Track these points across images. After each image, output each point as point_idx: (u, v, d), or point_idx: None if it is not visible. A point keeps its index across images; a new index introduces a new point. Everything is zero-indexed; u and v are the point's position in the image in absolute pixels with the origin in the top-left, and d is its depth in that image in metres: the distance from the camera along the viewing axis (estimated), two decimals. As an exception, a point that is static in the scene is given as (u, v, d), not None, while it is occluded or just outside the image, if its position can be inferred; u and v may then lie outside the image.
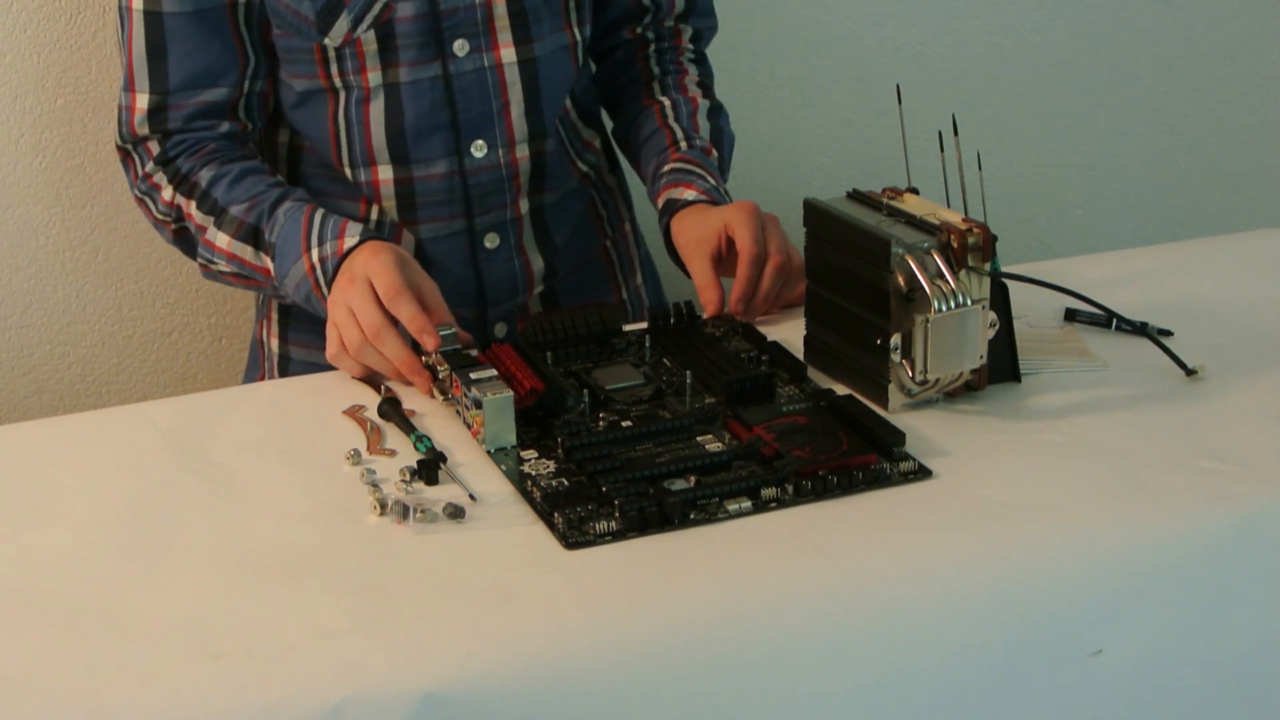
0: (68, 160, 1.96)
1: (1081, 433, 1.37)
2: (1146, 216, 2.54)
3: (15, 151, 1.94)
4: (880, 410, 1.40)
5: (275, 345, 1.78)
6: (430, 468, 1.32)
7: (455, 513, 1.26)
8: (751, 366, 1.48)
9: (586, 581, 1.18)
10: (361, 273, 1.48)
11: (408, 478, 1.31)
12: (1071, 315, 1.59)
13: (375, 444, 1.39)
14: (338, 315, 1.49)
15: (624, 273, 1.85)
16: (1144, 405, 1.42)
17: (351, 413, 1.44)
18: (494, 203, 1.70)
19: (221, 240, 1.60)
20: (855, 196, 1.49)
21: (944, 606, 1.19)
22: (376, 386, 1.48)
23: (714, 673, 1.14)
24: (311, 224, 1.55)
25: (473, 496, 1.29)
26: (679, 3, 1.82)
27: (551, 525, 1.24)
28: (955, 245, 1.38)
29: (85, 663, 1.10)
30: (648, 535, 1.23)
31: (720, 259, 1.60)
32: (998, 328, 1.41)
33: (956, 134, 1.46)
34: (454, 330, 1.46)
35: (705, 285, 1.59)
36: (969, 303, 1.37)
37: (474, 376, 1.39)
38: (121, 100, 1.66)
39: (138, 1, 1.61)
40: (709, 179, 1.69)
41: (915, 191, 1.48)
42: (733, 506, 1.26)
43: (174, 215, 1.64)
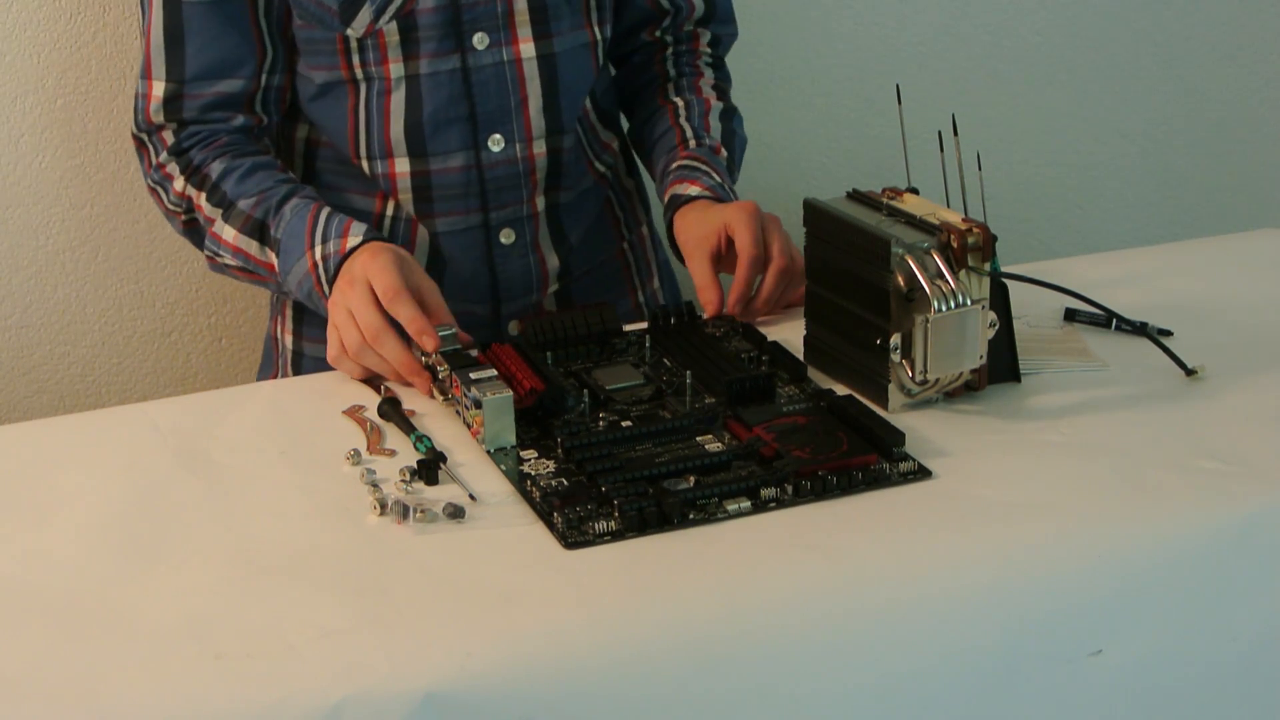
0: (68, 160, 1.96)
1: (1081, 433, 1.37)
2: (1146, 216, 2.54)
3: (15, 151, 1.94)
4: (880, 410, 1.40)
5: (289, 342, 1.78)
6: (430, 468, 1.32)
7: (455, 513, 1.26)
8: (751, 366, 1.48)
9: (586, 581, 1.18)
10: (361, 275, 1.48)
11: (408, 478, 1.31)
12: (1071, 315, 1.59)
13: (375, 444, 1.39)
14: (338, 317, 1.49)
15: (640, 276, 1.85)
16: (1144, 405, 1.42)
17: (351, 413, 1.44)
18: (510, 198, 1.70)
19: (228, 234, 1.61)
20: (855, 196, 1.49)
21: (944, 606, 1.19)
22: (377, 387, 1.48)
23: (714, 673, 1.14)
24: (317, 222, 1.55)
25: (473, 496, 1.29)
26: (699, 7, 1.82)
27: (551, 525, 1.24)
28: (955, 245, 1.38)
29: (85, 663, 1.10)
30: (647, 535, 1.23)
31: (720, 257, 1.60)
32: (998, 328, 1.41)
33: (956, 134, 1.46)
34: (454, 330, 1.46)
35: (704, 285, 1.59)
36: (969, 303, 1.37)
37: (474, 376, 1.39)
38: (138, 88, 1.66)
39: None
40: (714, 176, 1.69)
41: (915, 191, 1.48)
42: (732, 506, 1.26)
43: (185, 206, 1.64)
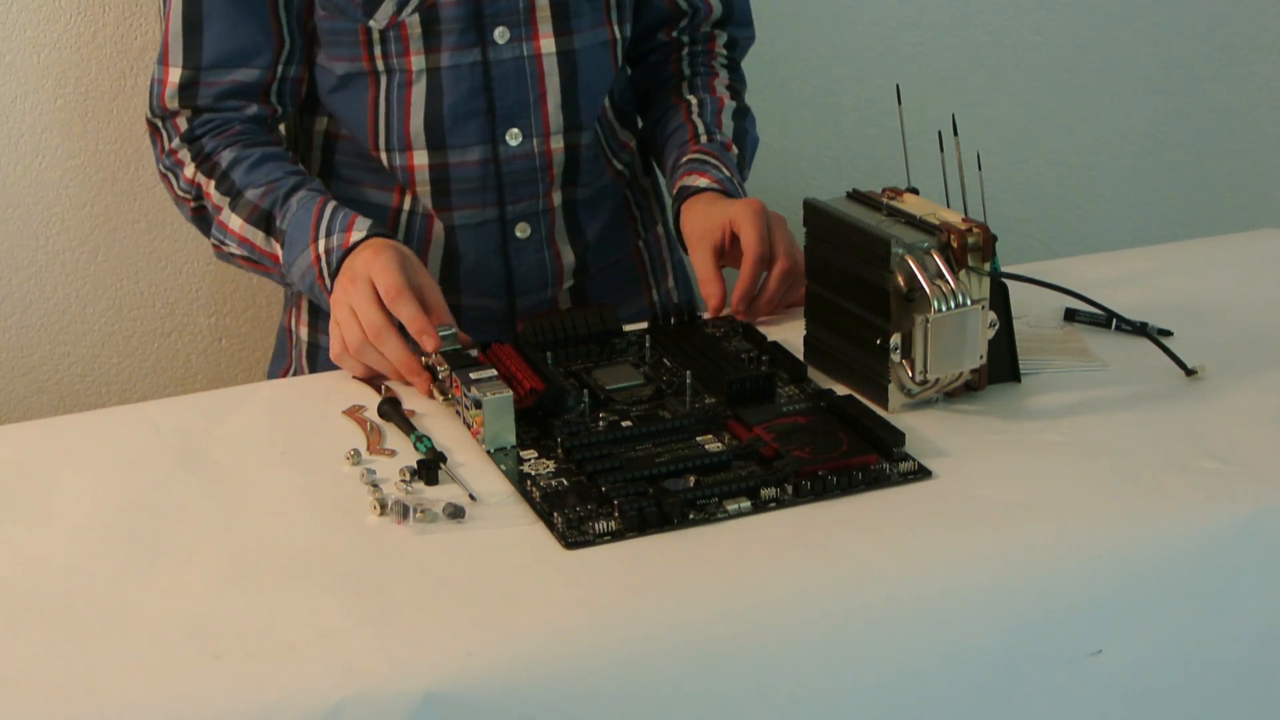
0: (68, 160, 1.96)
1: (1081, 433, 1.37)
2: (1146, 216, 2.54)
3: (15, 151, 1.94)
4: (880, 410, 1.40)
5: (304, 334, 1.79)
6: (430, 468, 1.32)
7: (455, 513, 1.26)
8: (751, 366, 1.48)
9: (586, 581, 1.18)
10: (364, 272, 1.48)
11: (408, 478, 1.31)
12: (1071, 315, 1.59)
13: (375, 444, 1.39)
14: (340, 314, 1.49)
15: (655, 275, 1.86)
16: (1144, 405, 1.42)
17: (351, 413, 1.44)
18: (526, 192, 1.71)
19: (235, 223, 1.61)
20: (855, 196, 1.50)
21: (944, 606, 1.19)
22: (377, 386, 1.48)
23: (714, 673, 1.14)
24: (322, 215, 1.56)
25: (473, 496, 1.29)
26: (716, 8, 1.83)
27: (551, 525, 1.24)
28: (955, 245, 1.38)
29: (85, 663, 1.10)
30: (647, 535, 1.23)
31: (723, 252, 1.61)
32: (998, 328, 1.41)
33: (956, 134, 1.46)
34: (454, 330, 1.47)
35: (706, 279, 1.60)
36: (969, 303, 1.37)
37: (474, 376, 1.39)
38: (155, 73, 1.67)
39: None
40: (724, 170, 1.70)
41: (915, 191, 1.48)
42: (732, 506, 1.26)
43: (194, 193, 1.65)
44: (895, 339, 1.39)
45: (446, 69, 1.65)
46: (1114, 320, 1.56)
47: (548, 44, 1.67)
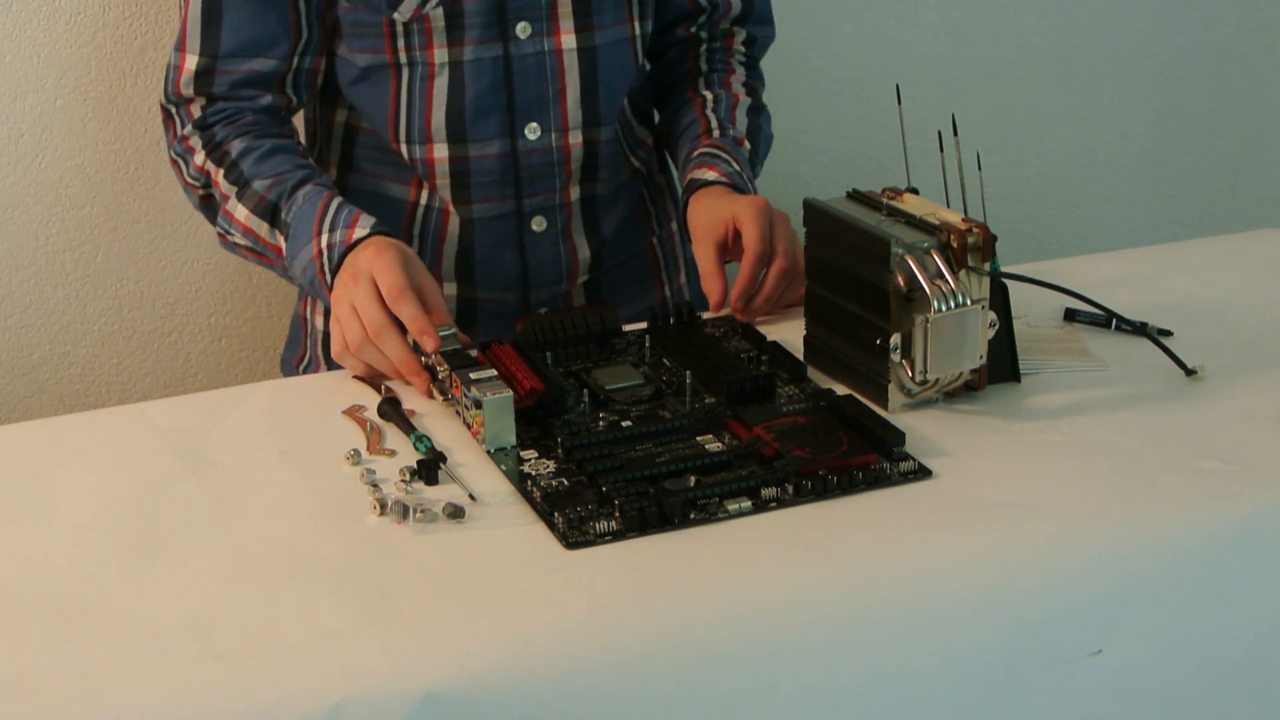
0: (68, 160, 1.96)
1: (1081, 433, 1.37)
2: (1146, 216, 2.54)
3: (15, 151, 1.94)
4: (880, 410, 1.40)
5: (320, 323, 1.79)
6: (430, 468, 1.32)
7: (455, 513, 1.26)
8: (751, 366, 1.48)
9: (586, 581, 1.18)
10: (366, 270, 1.48)
11: (408, 478, 1.31)
12: (1071, 315, 1.59)
13: (375, 444, 1.39)
14: (341, 312, 1.49)
15: (668, 271, 1.86)
16: (1144, 405, 1.42)
17: (351, 413, 1.44)
18: (543, 186, 1.71)
19: (240, 213, 1.62)
20: (855, 196, 1.50)
21: (944, 606, 1.19)
22: (377, 386, 1.48)
23: (714, 673, 1.14)
24: (327, 210, 1.56)
25: (473, 496, 1.29)
26: (735, 5, 1.84)
27: (551, 525, 1.24)
28: (955, 245, 1.38)
29: (85, 663, 1.10)
30: (648, 535, 1.23)
31: (726, 248, 1.61)
32: (998, 328, 1.41)
33: (956, 134, 1.46)
34: (454, 331, 1.47)
35: (708, 274, 1.60)
36: (969, 303, 1.37)
37: (474, 376, 1.39)
38: (171, 59, 1.68)
39: None
40: (733, 164, 1.70)
41: (915, 191, 1.48)
42: (733, 506, 1.26)
43: (203, 181, 1.65)
44: (895, 339, 1.39)
45: (469, 63, 1.66)
46: (1114, 320, 1.56)
47: (569, 40, 1.68)
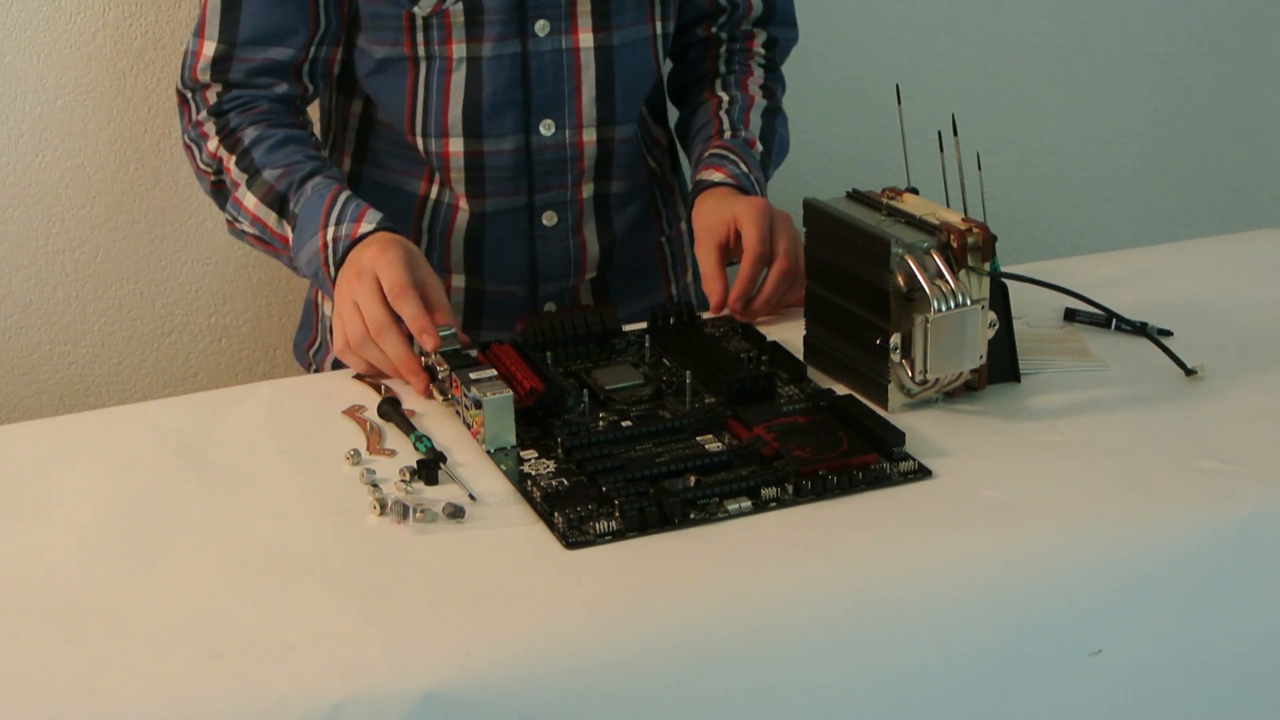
0: (68, 160, 1.96)
1: (1081, 433, 1.37)
2: (1146, 216, 2.54)
3: (15, 151, 1.94)
4: (880, 410, 1.40)
5: (329, 309, 1.80)
6: (430, 468, 1.32)
7: (455, 513, 1.26)
8: (751, 366, 1.48)
9: (586, 581, 1.18)
10: (369, 268, 1.49)
11: (408, 478, 1.31)
12: (1071, 315, 1.59)
13: (375, 444, 1.39)
14: (344, 309, 1.50)
15: (675, 270, 1.87)
16: (1144, 405, 1.42)
17: (351, 413, 1.44)
18: (555, 182, 1.72)
19: (249, 201, 1.62)
20: (855, 196, 1.50)
21: (944, 606, 1.19)
22: (377, 386, 1.48)
23: (714, 673, 1.14)
24: (335, 203, 1.57)
25: (473, 496, 1.29)
26: (756, 7, 1.84)
27: (551, 525, 1.24)
28: (955, 245, 1.38)
29: (85, 663, 1.10)
30: (648, 535, 1.23)
31: (727, 249, 1.62)
32: (997, 328, 1.41)
33: (956, 134, 1.46)
34: (454, 331, 1.47)
35: (708, 274, 1.61)
36: (969, 303, 1.37)
37: (474, 376, 1.39)
38: (189, 44, 1.68)
39: None
40: (741, 165, 1.70)
41: (915, 191, 1.48)
42: (733, 506, 1.26)
43: (215, 167, 1.66)
44: (895, 339, 1.39)
45: (487, 59, 1.66)
46: (1114, 320, 1.56)
47: (586, 38, 1.68)
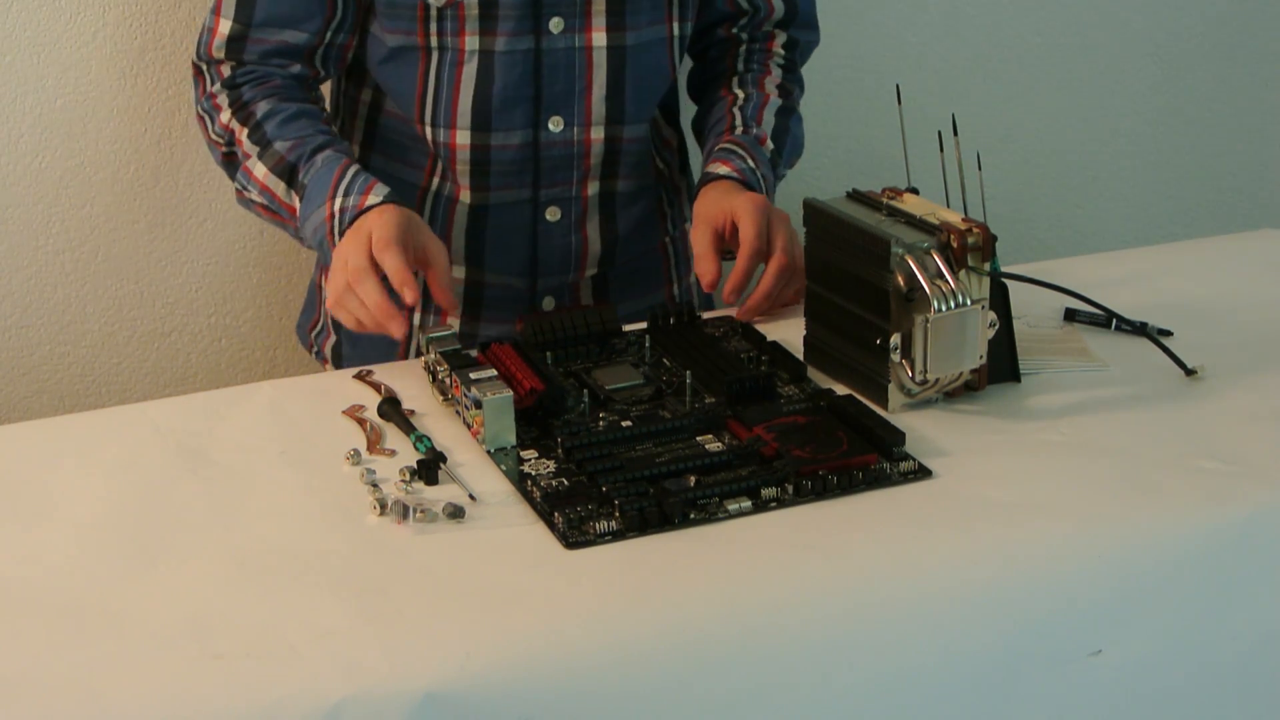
0: (68, 160, 1.96)
1: (1081, 433, 1.37)
2: (1146, 216, 2.54)
3: (15, 151, 1.94)
4: (880, 410, 1.40)
5: None
6: (430, 468, 1.32)
7: (455, 513, 1.26)
8: (751, 366, 1.48)
9: (586, 581, 1.18)
10: (364, 226, 1.52)
11: (408, 478, 1.31)
12: (1071, 315, 1.59)
13: (375, 444, 1.39)
14: (335, 263, 1.52)
15: (678, 270, 1.87)
16: (1144, 405, 1.43)
17: (351, 413, 1.44)
18: (561, 178, 1.72)
19: (259, 171, 1.64)
20: (855, 196, 1.50)
21: (944, 606, 1.19)
22: (377, 386, 1.48)
23: (714, 673, 1.14)
24: (344, 176, 1.59)
25: (473, 496, 1.29)
26: (778, 9, 1.84)
27: (551, 525, 1.24)
28: (955, 245, 1.38)
29: (85, 663, 1.10)
30: (648, 535, 1.23)
31: (723, 238, 1.62)
32: (998, 328, 1.41)
33: (956, 134, 1.46)
34: (453, 332, 1.47)
35: (702, 255, 1.62)
36: (969, 303, 1.37)
37: (474, 376, 1.39)
38: (206, 20, 1.70)
39: None
40: (749, 161, 1.71)
41: (915, 191, 1.48)
42: (733, 506, 1.26)
43: (226, 138, 1.68)
44: (895, 339, 1.39)
45: (500, 53, 1.67)
46: (1114, 320, 1.56)
47: (599, 37, 1.69)
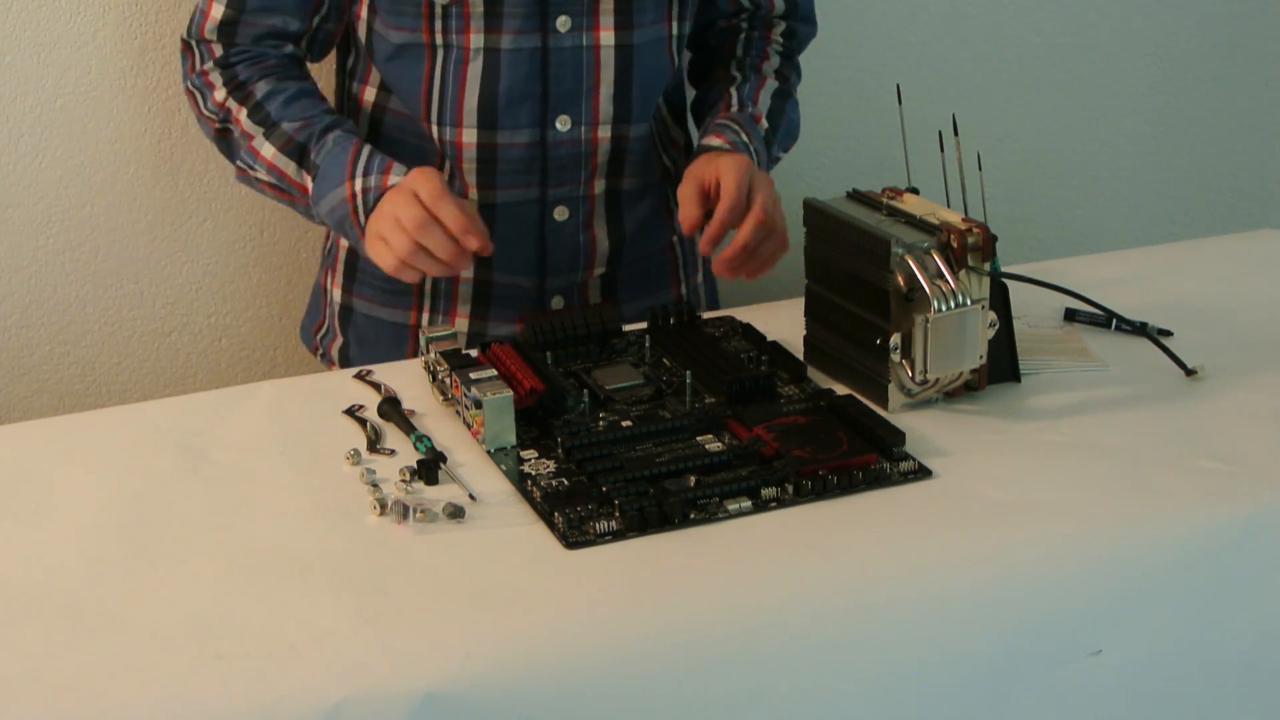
0: (68, 160, 1.96)
1: (1081, 433, 1.37)
2: (1146, 216, 2.54)
3: (15, 151, 1.94)
4: (880, 410, 1.40)
5: (338, 295, 1.82)
6: (430, 468, 1.32)
7: (455, 513, 1.26)
8: (751, 366, 1.48)
9: (586, 581, 1.18)
10: (406, 185, 1.54)
11: (408, 478, 1.31)
12: (1071, 315, 1.59)
13: (375, 444, 1.39)
14: (383, 227, 1.54)
15: (686, 270, 1.88)
16: (1144, 405, 1.43)
17: (351, 413, 1.44)
18: (568, 177, 1.73)
19: (267, 151, 1.65)
20: (855, 196, 1.50)
21: (944, 606, 1.19)
22: (377, 386, 1.48)
23: (714, 673, 1.14)
24: (359, 155, 1.60)
25: (473, 496, 1.29)
26: (778, 4, 1.86)
27: (551, 525, 1.24)
28: (955, 245, 1.38)
29: (85, 663, 1.10)
30: (648, 535, 1.23)
31: (708, 195, 1.63)
32: (998, 328, 1.41)
33: (956, 134, 1.46)
34: (454, 332, 1.48)
35: (685, 202, 1.63)
36: (969, 303, 1.37)
37: (474, 376, 1.39)
38: (199, 2, 1.71)
39: None
40: (742, 136, 1.72)
41: (915, 191, 1.48)
42: (733, 506, 1.26)
43: (221, 116, 1.69)
44: (895, 339, 1.39)
45: (506, 51, 1.67)
46: (1114, 320, 1.56)
47: (607, 36, 1.69)
